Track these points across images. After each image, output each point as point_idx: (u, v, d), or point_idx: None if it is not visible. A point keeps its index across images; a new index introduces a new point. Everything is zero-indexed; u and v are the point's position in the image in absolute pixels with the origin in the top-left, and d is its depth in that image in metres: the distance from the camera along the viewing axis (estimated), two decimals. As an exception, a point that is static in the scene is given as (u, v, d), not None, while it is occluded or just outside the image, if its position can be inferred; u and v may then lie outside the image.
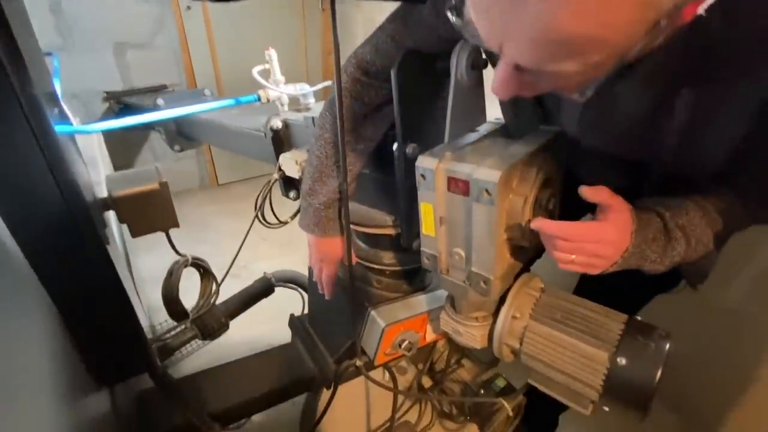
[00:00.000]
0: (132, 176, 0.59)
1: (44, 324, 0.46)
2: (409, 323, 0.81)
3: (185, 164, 3.37)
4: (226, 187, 3.57)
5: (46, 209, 0.44)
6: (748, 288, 1.21)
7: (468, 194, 0.53)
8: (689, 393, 1.45)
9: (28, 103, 0.40)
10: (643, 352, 0.53)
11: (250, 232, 1.10)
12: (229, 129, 1.23)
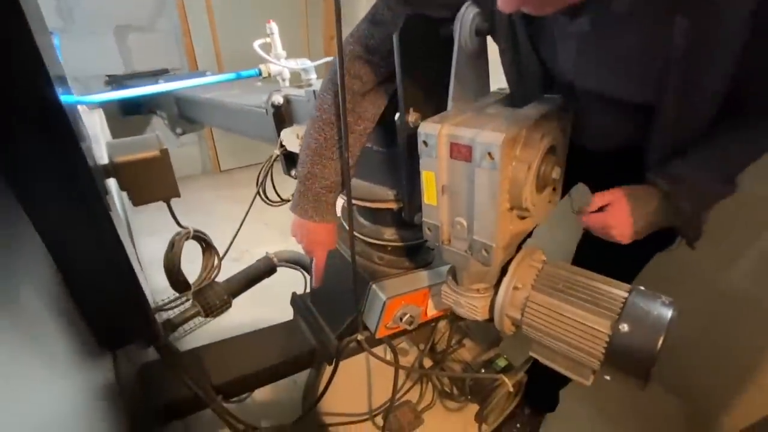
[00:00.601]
0: (132, 143, 0.58)
1: (50, 287, 0.46)
2: (410, 297, 0.81)
3: (187, 150, 3.37)
4: (228, 173, 3.57)
5: (51, 172, 0.44)
6: (752, 270, 1.20)
7: (470, 160, 0.52)
8: (692, 377, 1.45)
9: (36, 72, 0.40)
10: (645, 319, 0.53)
11: (252, 217, 1.10)
12: (230, 107, 1.22)
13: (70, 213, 0.46)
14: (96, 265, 0.48)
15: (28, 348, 0.39)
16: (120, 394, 0.59)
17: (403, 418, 1.28)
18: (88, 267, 0.48)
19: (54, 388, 0.42)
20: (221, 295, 1.05)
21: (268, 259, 1.28)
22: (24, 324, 0.40)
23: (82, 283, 0.48)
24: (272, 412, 1.37)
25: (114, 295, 0.50)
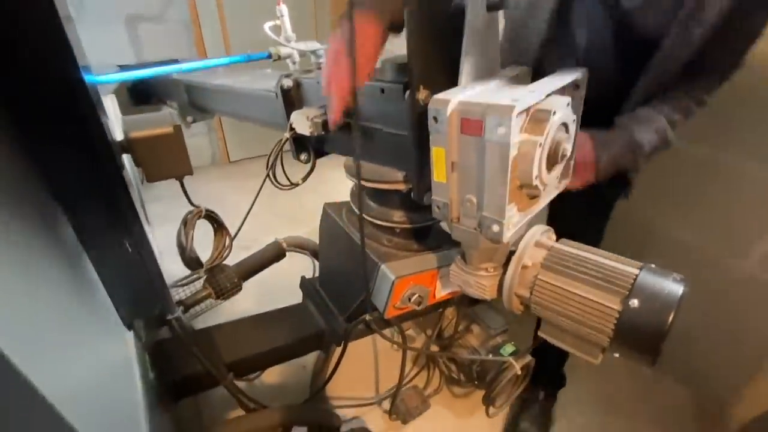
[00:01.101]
0: (146, 119, 0.59)
1: (74, 259, 0.48)
2: (418, 277, 0.81)
3: (197, 141, 3.40)
4: (238, 164, 3.60)
5: (75, 145, 0.45)
6: (765, 257, 1.19)
7: (481, 134, 0.52)
8: (702, 366, 1.44)
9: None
10: (656, 295, 0.53)
11: (262, 207, 1.10)
12: (239, 93, 1.23)
13: (90, 185, 0.47)
14: (115, 238, 0.49)
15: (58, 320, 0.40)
16: (139, 367, 0.60)
17: (410, 402, 1.30)
18: (108, 239, 0.49)
19: (85, 355, 0.43)
20: (232, 277, 1.07)
21: (278, 243, 1.29)
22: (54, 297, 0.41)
23: (103, 255, 0.50)
24: (282, 396, 1.40)
25: (131, 268, 0.51)
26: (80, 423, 0.33)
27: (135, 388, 0.53)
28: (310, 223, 1.13)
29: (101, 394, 0.46)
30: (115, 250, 0.49)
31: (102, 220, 0.46)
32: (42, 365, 0.32)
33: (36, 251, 0.40)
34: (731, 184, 1.22)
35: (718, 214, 1.27)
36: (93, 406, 0.39)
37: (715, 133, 1.23)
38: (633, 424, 1.37)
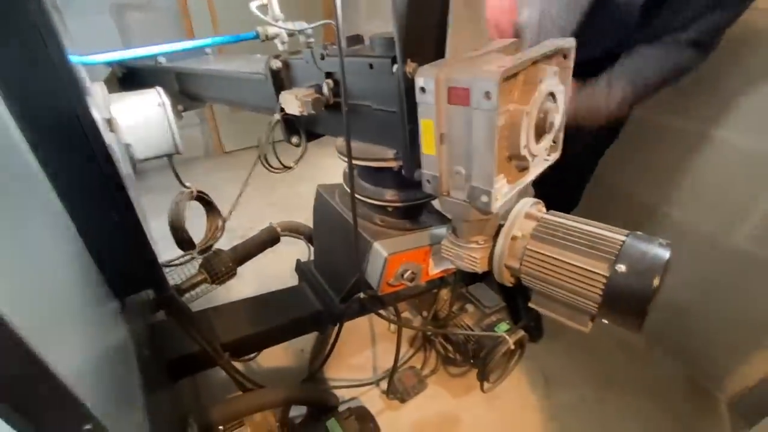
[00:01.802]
0: (133, 97, 0.59)
1: (66, 234, 0.48)
2: (411, 254, 0.82)
3: (189, 132, 3.37)
4: (232, 155, 3.58)
5: (62, 124, 0.45)
6: (754, 231, 1.20)
7: (468, 103, 0.52)
8: (693, 340, 1.47)
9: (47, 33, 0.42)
10: (642, 259, 0.54)
11: (258, 197, 1.10)
12: (229, 78, 1.22)
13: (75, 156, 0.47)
14: (101, 209, 0.49)
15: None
16: (133, 343, 0.61)
17: (408, 382, 1.32)
18: (95, 211, 0.49)
19: (81, 328, 0.43)
20: (226, 262, 1.08)
21: (272, 228, 1.29)
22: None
23: (90, 227, 0.50)
24: (281, 378, 1.41)
25: (120, 241, 0.51)
26: (82, 393, 0.33)
27: (131, 363, 0.54)
28: (307, 212, 1.13)
29: (100, 366, 0.46)
30: (103, 222, 0.49)
31: (88, 191, 0.46)
32: (45, 337, 0.33)
33: (30, 220, 0.40)
34: (719, 157, 1.22)
35: (707, 190, 1.28)
36: (92, 378, 0.40)
37: (704, 106, 1.23)
38: (627, 398, 1.39)
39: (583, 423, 1.31)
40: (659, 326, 1.55)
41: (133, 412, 0.46)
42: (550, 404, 1.37)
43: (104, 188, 0.48)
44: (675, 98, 1.29)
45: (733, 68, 1.14)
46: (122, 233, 0.51)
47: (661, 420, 1.33)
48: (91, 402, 0.33)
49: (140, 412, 0.48)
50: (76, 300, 0.45)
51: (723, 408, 1.38)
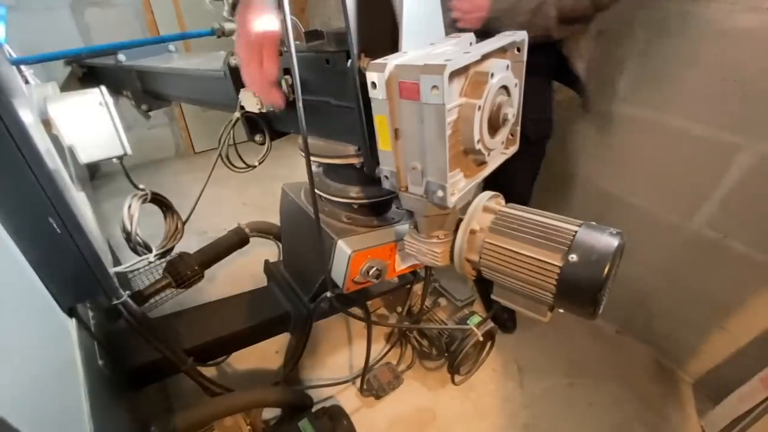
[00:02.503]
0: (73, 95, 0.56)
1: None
2: (376, 251, 0.82)
3: (159, 132, 3.27)
4: (203, 155, 3.50)
5: None
6: (714, 217, 1.25)
7: (419, 97, 0.52)
8: (659, 325, 1.52)
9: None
10: (593, 248, 0.55)
11: (230, 197, 1.06)
12: (188, 75, 1.19)
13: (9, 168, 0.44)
14: (38, 217, 0.46)
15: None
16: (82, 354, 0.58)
17: (383, 379, 1.32)
18: (30, 219, 0.46)
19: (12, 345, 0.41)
20: (192, 265, 1.05)
21: (240, 229, 1.27)
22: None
23: (27, 236, 0.47)
24: (256, 382, 1.39)
25: (62, 248, 0.49)
26: (15, 419, 0.31)
27: (75, 376, 0.51)
28: None
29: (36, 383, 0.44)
30: (41, 230, 0.46)
31: (20, 197, 0.44)
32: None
33: None
34: (677, 146, 1.27)
35: (667, 178, 1.33)
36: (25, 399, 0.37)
37: (662, 97, 1.27)
38: (597, 383, 1.43)
39: (554, 409, 1.34)
40: (627, 313, 1.60)
41: (75, 424, 0.44)
42: (523, 393, 1.39)
43: (38, 194, 0.46)
44: (635, 88, 1.33)
45: (689, 59, 1.18)
46: (63, 242, 0.49)
47: (629, 402, 1.37)
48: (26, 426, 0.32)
49: (85, 424, 0.46)
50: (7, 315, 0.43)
51: (688, 389, 1.44)
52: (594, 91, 1.42)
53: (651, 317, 1.53)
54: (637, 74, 1.31)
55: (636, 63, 1.30)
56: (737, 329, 1.28)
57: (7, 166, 0.42)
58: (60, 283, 0.51)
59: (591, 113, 1.44)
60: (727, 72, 1.12)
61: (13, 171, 0.43)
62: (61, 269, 0.50)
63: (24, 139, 0.43)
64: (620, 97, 1.38)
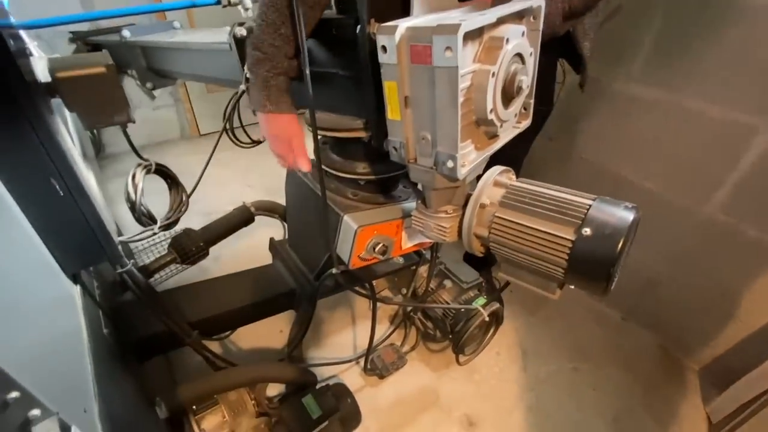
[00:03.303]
0: (76, 59, 0.55)
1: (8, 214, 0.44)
2: (382, 227, 0.80)
3: (164, 114, 3.26)
4: (208, 137, 3.48)
5: None
6: (727, 201, 1.22)
7: (431, 61, 0.50)
8: (667, 312, 1.50)
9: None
10: (607, 222, 0.53)
11: (236, 179, 1.04)
12: (193, 48, 1.16)
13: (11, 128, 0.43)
14: (40, 178, 0.46)
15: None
16: (86, 322, 0.58)
17: (387, 359, 1.32)
18: (33, 180, 0.45)
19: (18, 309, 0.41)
20: (197, 241, 1.05)
21: (245, 207, 1.26)
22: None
23: (30, 198, 0.46)
24: (259, 359, 1.40)
25: (65, 212, 0.48)
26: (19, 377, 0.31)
27: (80, 342, 0.51)
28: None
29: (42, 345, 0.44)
30: (43, 192, 0.45)
31: (22, 156, 0.43)
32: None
33: None
34: (692, 129, 1.23)
35: (680, 162, 1.30)
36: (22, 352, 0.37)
37: (677, 77, 1.23)
38: (601, 368, 1.43)
39: (558, 393, 1.34)
40: (634, 299, 1.59)
41: (80, 387, 0.44)
42: (527, 376, 1.39)
43: (40, 154, 0.45)
44: (650, 69, 1.29)
45: (708, 38, 1.14)
46: (67, 205, 0.48)
47: (633, 388, 1.37)
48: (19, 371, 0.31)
49: (90, 389, 0.46)
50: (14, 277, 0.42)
51: (694, 376, 1.43)
52: (605, 73, 1.39)
53: (658, 304, 1.52)
54: (653, 54, 1.27)
55: (653, 43, 1.26)
56: (747, 316, 1.27)
57: (9, 125, 0.41)
58: (64, 248, 0.51)
59: (604, 93, 1.40)
60: (747, 52, 1.08)
61: (14, 130, 0.42)
62: (64, 234, 0.50)
63: (26, 97, 0.42)
64: (635, 78, 1.34)
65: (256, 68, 0.67)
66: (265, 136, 0.76)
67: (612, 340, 1.54)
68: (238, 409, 0.95)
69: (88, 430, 0.38)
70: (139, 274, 0.71)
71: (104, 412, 0.46)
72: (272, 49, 0.65)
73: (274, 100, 0.69)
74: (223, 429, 0.93)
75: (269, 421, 0.98)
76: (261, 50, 0.66)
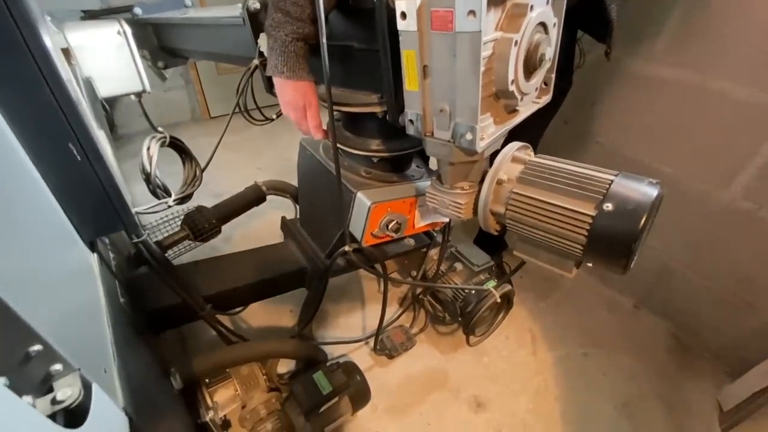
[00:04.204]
0: (92, 24, 0.54)
1: (22, 168, 0.44)
2: (396, 204, 0.80)
3: (175, 95, 3.26)
4: (218, 120, 3.48)
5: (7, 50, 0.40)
6: (753, 183, 1.18)
7: (452, 27, 0.49)
8: (680, 300, 1.48)
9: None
10: (630, 196, 0.52)
11: (246, 162, 1.03)
12: (206, 24, 1.15)
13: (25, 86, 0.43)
14: (58, 141, 0.46)
15: None
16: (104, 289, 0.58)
17: (396, 339, 1.32)
18: (51, 141, 0.45)
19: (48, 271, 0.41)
20: (209, 218, 1.05)
21: (257, 186, 1.26)
22: None
23: (48, 161, 0.46)
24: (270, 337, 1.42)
25: (82, 177, 0.48)
26: (26, 315, 0.31)
27: (99, 308, 0.52)
28: (296, 179, 1.10)
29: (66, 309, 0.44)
30: (61, 156, 0.45)
31: (40, 121, 0.43)
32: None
33: None
34: (714, 110, 1.19)
35: (701, 145, 1.26)
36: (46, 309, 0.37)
37: (700, 56, 1.19)
38: (611, 355, 1.42)
39: (567, 377, 1.34)
40: (647, 286, 1.57)
41: (102, 352, 0.45)
42: (536, 360, 1.39)
43: (58, 118, 0.45)
44: (673, 48, 1.25)
45: (736, 14, 1.09)
46: (84, 170, 0.48)
47: (645, 375, 1.36)
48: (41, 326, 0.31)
49: (110, 354, 0.47)
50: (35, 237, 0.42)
51: (706, 364, 1.41)
52: (626, 53, 1.34)
53: (671, 291, 1.50)
54: (677, 32, 1.23)
55: (677, 20, 1.22)
56: (764, 304, 1.24)
57: (27, 86, 0.41)
58: (81, 215, 0.51)
59: (623, 75, 1.37)
60: (778, 30, 1.04)
61: (33, 91, 0.42)
62: (82, 200, 0.50)
63: (43, 57, 0.41)
64: (656, 57, 1.29)
65: (276, 31, 0.66)
66: (281, 102, 0.75)
67: (624, 327, 1.53)
68: (249, 383, 0.96)
69: (108, 389, 0.39)
70: (154, 245, 0.72)
71: (123, 375, 0.47)
72: (295, 8, 0.63)
73: (292, 66, 0.68)
74: (235, 402, 0.94)
75: (280, 396, 0.99)
76: (283, 10, 0.64)
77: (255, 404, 0.94)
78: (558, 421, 1.22)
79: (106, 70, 0.55)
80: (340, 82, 0.81)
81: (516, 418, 1.22)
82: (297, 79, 0.69)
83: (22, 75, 0.42)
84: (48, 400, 0.32)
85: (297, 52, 0.67)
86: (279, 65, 0.68)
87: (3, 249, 0.32)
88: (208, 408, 0.87)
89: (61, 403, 0.32)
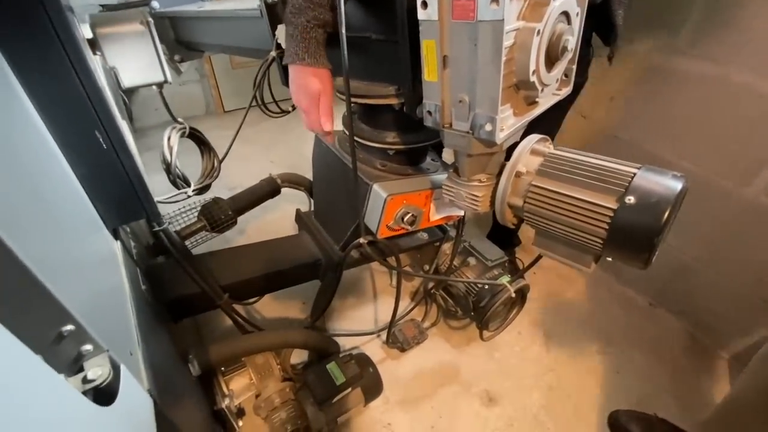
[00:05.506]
0: (115, 15, 0.55)
1: (50, 155, 0.46)
2: (411, 197, 0.80)
3: (189, 89, 3.29)
4: (232, 114, 3.51)
5: (38, 38, 0.41)
6: None
7: (474, 16, 0.48)
8: (697, 299, 1.46)
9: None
10: (654, 189, 0.51)
11: (259, 155, 1.04)
12: (222, 17, 1.16)
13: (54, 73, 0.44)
14: (85, 129, 0.46)
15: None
16: (127, 275, 0.60)
17: (408, 333, 1.33)
18: (77, 129, 0.46)
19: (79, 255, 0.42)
20: (226, 210, 1.06)
21: (272, 179, 1.27)
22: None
23: (74, 149, 0.48)
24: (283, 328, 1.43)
25: (107, 164, 0.49)
26: (61, 296, 0.32)
27: (123, 292, 0.53)
28: (308, 172, 1.11)
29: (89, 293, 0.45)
30: (88, 144, 0.46)
31: (67, 107, 0.44)
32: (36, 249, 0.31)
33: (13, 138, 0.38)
34: (739, 104, 1.16)
35: (723, 140, 1.23)
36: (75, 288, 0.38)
37: (725, 48, 1.15)
38: (626, 353, 1.40)
39: (580, 374, 1.33)
40: (663, 285, 1.54)
41: (125, 334, 0.46)
42: (548, 356, 1.38)
43: (86, 106, 0.46)
44: (696, 40, 1.22)
45: (761, 1, 1.06)
46: (109, 158, 0.49)
47: (659, 374, 1.34)
48: (73, 307, 0.32)
49: (134, 337, 0.48)
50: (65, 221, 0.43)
51: (723, 364, 1.39)
52: (646, 46, 1.31)
53: (688, 290, 1.47)
54: (701, 23, 1.19)
55: (702, 10, 1.18)
56: (785, 304, 1.21)
57: (57, 74, 0.42)
58: (105, 202, 0.52)
59: (643, 68, 1.34)
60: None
61: (62, 79, 0.42)
62: (106, 187, 0.51)
63: (73, 46, 0.42)
64: (679, 50, 1.26)
65: (297, 17, 0.66)
66: (293, 90, 0.74)
67: (639, 325, 1.51)
68: (264, 373, 0.98)
69: (134, 371, 0.40)
70: (174, 234, 0.73)
71: (147, 358, 0.48)
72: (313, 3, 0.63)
73: (312, 53, 0.68)
74: (250, 390, 0.96)
75: (293, 386, 1.01)
76: None
77: (269, 393, 0.96)
78: (570, 417, 1.21)
79: (130, 61, 0.56)
80: (356, 73, 0.81)
81: (528, 413, 1.22)
82: (318, 66, 0.69)
83: (53, 64, 0.43)
84: (79, 379, 0.33)
85: (317, 39, 0.67)
86: (300, 52, 0.67)
87: (39, 233, 0.33)
88: (224, 395, 0.88)
89: (91, 382, 0.33)
